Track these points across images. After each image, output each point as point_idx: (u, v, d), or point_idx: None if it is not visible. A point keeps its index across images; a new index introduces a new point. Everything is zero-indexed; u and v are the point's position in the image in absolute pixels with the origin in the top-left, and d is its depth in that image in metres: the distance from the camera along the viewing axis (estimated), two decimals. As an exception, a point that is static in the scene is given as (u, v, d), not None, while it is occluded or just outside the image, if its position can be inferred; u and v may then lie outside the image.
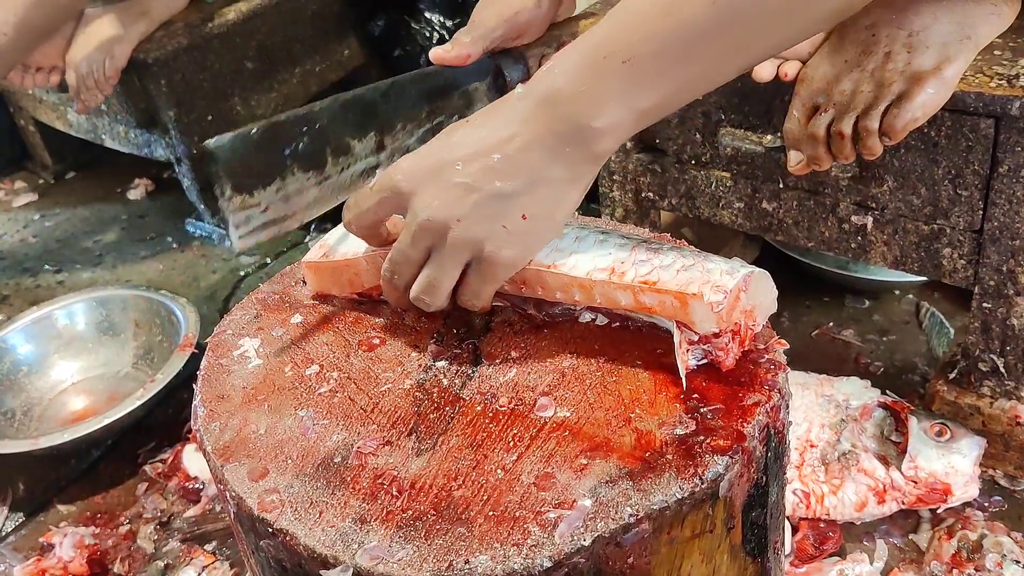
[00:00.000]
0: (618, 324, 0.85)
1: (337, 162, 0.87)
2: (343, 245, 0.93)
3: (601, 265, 0.81)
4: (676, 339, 0.78)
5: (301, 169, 0.84)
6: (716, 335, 0.77)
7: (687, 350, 0.78)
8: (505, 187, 0.76)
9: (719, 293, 0.76)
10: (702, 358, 0.79)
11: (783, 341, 0.81)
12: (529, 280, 0.84)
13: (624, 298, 0.81)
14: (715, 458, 0.71)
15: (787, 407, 0.79)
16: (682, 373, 0.77)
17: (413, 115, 0.91)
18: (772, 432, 0.75)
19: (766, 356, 0.80)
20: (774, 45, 0.78)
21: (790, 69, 1.13)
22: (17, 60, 1.86)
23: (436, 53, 0.97)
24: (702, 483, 0.69)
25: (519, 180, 0.76)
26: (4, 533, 1.58)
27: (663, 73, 0.74)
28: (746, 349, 0.80)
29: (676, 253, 0.81)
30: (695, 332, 0.78)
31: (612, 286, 0.81)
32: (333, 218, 1.04)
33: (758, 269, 0.79)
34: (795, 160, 1.16)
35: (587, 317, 0.86)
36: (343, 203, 0.86)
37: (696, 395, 0.76)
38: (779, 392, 0.77)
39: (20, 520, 1.60)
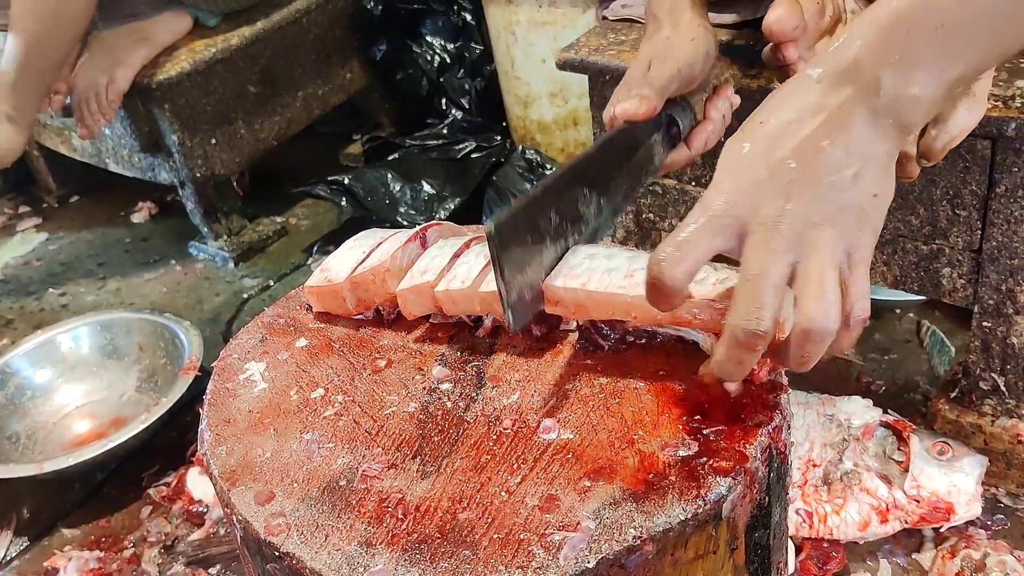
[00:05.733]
0: (620, 344, 0.86)
1: (576, 230, 0.86)
2: (340, 268, 0.95)
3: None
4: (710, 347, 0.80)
5: (552, 242, 0.83)
6: None
7: None
8: (848, 172, 0.70)
9: None
10: None
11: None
12: (590, 304, 0.83)
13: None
14: (718, 479, 0.71)
15: (789, 428, 0.79)
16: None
17: (616, 175, 0.91)
18: (774, 453, 0.76)
19: (768, 377, 0.80)
20: None
21: None
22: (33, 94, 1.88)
23: (626, 110, 0.93)
24: (705, 504, 0.70)
25: (855, 161, 0.71)
26: (9, 558, 1.59)
27: (976, 39, 0.71)
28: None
29: (708, 267, 0.81)
30: None
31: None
32: (336, 241, 1.04)
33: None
34: None
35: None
36: None
37: (698, 416, 0.77)
38: (781, 413, 0.77)
39: (25, 544, 1.61)
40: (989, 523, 1.33)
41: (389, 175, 2.29)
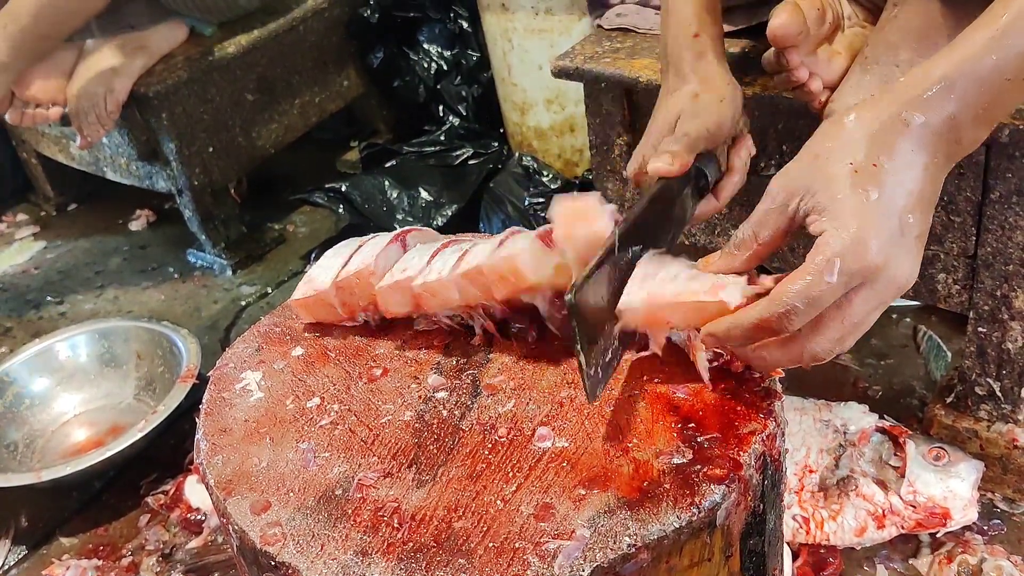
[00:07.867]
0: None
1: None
2: (323, 276, 0.95)
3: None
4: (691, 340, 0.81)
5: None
6: None
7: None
8: (929, 223, 0.77)
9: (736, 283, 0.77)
10: (714, 360, 0.81)
11: (779, 370, 0.82)
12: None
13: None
14: (712, 487, 0.71)
15: (783, 435, 0.80)
16: (702, 370, 0.80)
17: (661, 233, 0.90)
18: (768, 460, 0.76)
19: (762, 385, 0.80)
20: None
21: (823, 97, 1.14)
22: (12, 73, 1.85)
23: (658, 169, 0.93)
24: (700, 512, 0.70)
25: (930, 213, 0.77)
26: (7, 567, 1.58)
27: None
28: (744, 378, 0.81)
29: (679, 265, 0.82)
30: None
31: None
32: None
33: None
34: None
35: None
36: None
37: (692, 424, 0.77)
38: (775, 420, 0.77)
39: (23, 553, 1.61)
40: (985, 528, 1.33)
41: (386, 182, 2.29)
